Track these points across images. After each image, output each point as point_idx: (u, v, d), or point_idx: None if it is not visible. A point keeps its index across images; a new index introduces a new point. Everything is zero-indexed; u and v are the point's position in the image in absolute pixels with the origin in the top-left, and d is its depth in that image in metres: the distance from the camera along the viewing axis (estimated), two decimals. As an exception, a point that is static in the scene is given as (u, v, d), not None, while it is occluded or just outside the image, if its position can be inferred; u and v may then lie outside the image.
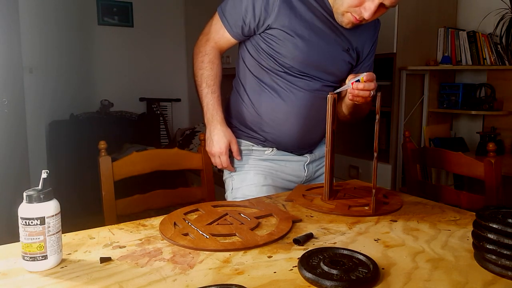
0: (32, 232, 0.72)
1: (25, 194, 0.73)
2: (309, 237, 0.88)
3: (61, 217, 0.76)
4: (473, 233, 0.78)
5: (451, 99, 2.78)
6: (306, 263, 0.72)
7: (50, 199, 0.74)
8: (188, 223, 0.95)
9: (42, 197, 0.73)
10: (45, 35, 3.52)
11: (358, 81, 1.12)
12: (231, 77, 1.45)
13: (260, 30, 1.25)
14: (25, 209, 0.72)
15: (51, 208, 0.74)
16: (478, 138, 2.63)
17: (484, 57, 2.67)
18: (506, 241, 0.70)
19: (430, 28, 2.81)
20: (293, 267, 0.74)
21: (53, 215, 0.74)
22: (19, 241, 0.74)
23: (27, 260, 0.73)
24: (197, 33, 1.38)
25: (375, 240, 0.87)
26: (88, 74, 4.07)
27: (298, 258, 0.75)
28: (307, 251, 0.77)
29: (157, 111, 4.30)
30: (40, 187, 0.74)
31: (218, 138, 1.30)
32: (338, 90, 1.18)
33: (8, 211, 2.07)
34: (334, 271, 0.69)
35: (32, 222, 0.72)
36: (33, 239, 0.72)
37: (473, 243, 0.78)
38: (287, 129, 1.30)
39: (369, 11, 1.14)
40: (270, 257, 0.79)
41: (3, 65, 2.30)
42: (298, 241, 0.84)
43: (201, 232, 0.89)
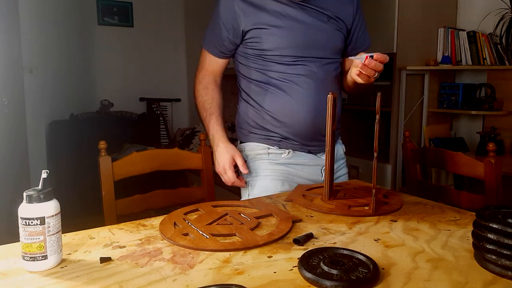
0: (32, 232, 0.72)
1: (25, 194, 0.73)
2: (309, 237, 0.88)
3: (61, 217, 0.76)
4: (473, 233, 0.78)
5: (451, 99, 2.78)
6: (306, 263, 0.72)
7: (50, 199, 0.74)
8: (188, 223, 0.95)
9: (42, 197, 0.73)
10: (45, 35, 3.52)
11: (371, 57, 1.12)
12: (230, 77, 1.46)
13: (239, 39, 1.32)
14: (25, 209, 0.72)
15: (51, 208, 0.74)
16: (478, 138, 2.63)
17: (484, 57, 2.68)
18: (506, 241, 0.70)
19: (430, 28, 2.81)
20: (293, 267, 0.74)
21: (53, 215, 0.74)
22: (19, 241, 0.74)
23: (27, 260, 0.73)
24: (197, 33, 1.41)
25: (375, 240, 0.87)
26: (88, 74, 4.07)
27: (298, 258, 0.75)
28: (307, 251, 0.77)
29: (157, 111, 4.30)
30: (40, 187, 0.74)
31: (219, 155, 1.33)
32: (352, 58, 1.19)
33: (8, 211, 2.07)
34: (334, 271, 0.69)
35: (32, 222, 0.72)
36: (33, 239, 0.72)
37: (473, 243, 0.78)
38: (301, 117, 1.30)
39: None
40: (270, 257, 0.79)
41: (3, 65, 2.30)
42: (298, 241, 0.84)
43: (201, 232, 0.89)
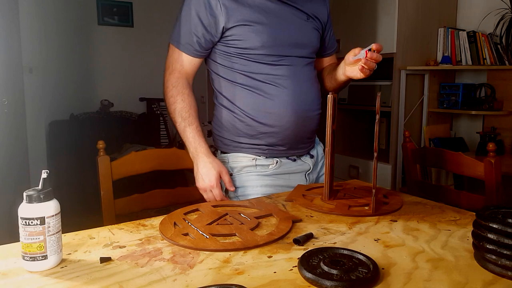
0: (32, 232, 0.72)
1: (25, 194, 0.73)
2: (309, 237, 0.88)
3: (61, 217, 0.76)
4: (473, 233, 0.78)
5: (451, 99, 2.78)
6: (306, 263, 0.72)
7: (50, 199, 0.74)
8: (188, 223, 0.95)
9: (42, 197, 0.73)
10: (45, 35, 3.53)
11: (370, 50, 1.13)
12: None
13: (218, 37, 1.23)
14: (25, 209, 0.72)
15: (51, 208, 0.74)
16: (478, 138, 2.63)
17: (484, 57, 2.68)
18: (506, 241, 0.70)
19: (430, 28, 2.81)
20: (293, 267, 0.74)
21: (53, 215, 0.74)
22: (19, 241, 0.74)
23: (27, 260, 0.73)
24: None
25: (375, 240, 0.87)
26: (88, 74, 4.07)
27: (298, 258, 0.75)
28: (307, 251, 0.77)
29: (157, 111, 4.30)
30: (40, 187, 0.74)
31: (206, 171, 1.24)
32: (354, 57, 1.17)
33: (8, 211, 2.07)
34: (334, 271, 0.69)
35: (32, 222, 0.72)
36: (33, 239, 0.72)
37: (473, 243, 0.78)
38: (285, 121, 1.27)
39: None
40: (270, 257, 0.79)
41: (3, 65, 2.30)
42: (298, 241, 0.84)
43: (201, 232, 0.89)
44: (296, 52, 1.29)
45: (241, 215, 1.00)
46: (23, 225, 0.72)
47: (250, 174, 1.31)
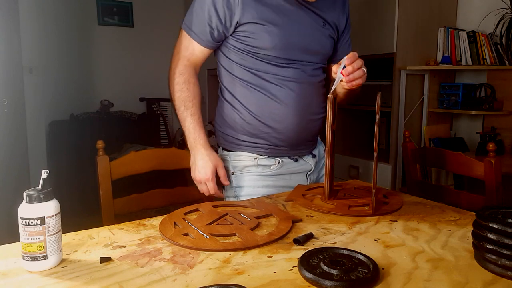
0: (32, 232, 0.72)
1: (25, 194, 0.73)
2: (309, 237, 0.88)
3: (61, 217, 0.76)
4: (473, 233, 0.78)
5: (451, 99, 2.78)
6: (306, 263, 0.72)
7: (50, 199, 0.74)
8: (188, 223, 0.95)
9: (42, 197, 0.73)
10: (45, 35, 3.53)
11: (344, 67, 1.09)
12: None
13: (231, 31, 1.21)
14: (25, 209, 0.72)
15: (51, 208, 0.74)
16: (478, 138, 2.63)
17: (484, 57, 2.68)
18: (506, 241, 0.70)
19: (430, 28, 2.81)
20: (293, 267, 0.74)
21: (53, 215, 0.74)
22: (19, 241, 0.74)
23: (27, 260, 0.73)
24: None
25: (375, 240, 0.87)
26: (88, 74, 4.07)
27: (298, 258, 0.75)
28: (307, 251, 0.77)
29: (157, 111, 4.31)
30: (40, 187, 0.74)
31: (203, 163, 1.24)
32: (333, 87, 1.13)
33: (8, 211, 2.07)
34: (334, 271, 0.69)
35: (32, 222, 0.72)
36: (33, 239, 0.72)
37: (473, 243, 0.78)
38: (288, 123, 1.26)
39: None
40: (270, 257, 0.79)
41: (3, 65, 2.30)
42: (298, 241, 0.84)
43: (201, 232, 0.89)
44: (306, 57, 1.26)
45: (241, 215, 1.00)
46: (23, 225, 0.72)
47: (252, 174, 1.30)
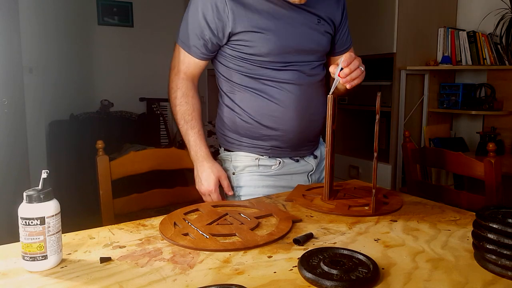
0: (32, 232, 0.72)
1: (25, 194, 0.73)
2: (309, 237, 0.88)
3: (61, 217, 0.76)
4: (473, 233, 0.78)
5: (451, 99, 2.78)
6: (306, 263, 0.72)
7: (50, 199, 0.74)
8: (188, 223, 0.95)
9: (42, 197, 0.73)
10: (45, 35, 3.53)
11: (342, 69, 1.09)
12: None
13: (225, 41, 1.21)
14: (25, 209, 0.72)
15: (51, 208, 0.74)
16: (478, 138, 2.63)
17: (484, 57, 2.68)
18: (506, 241, 0.70)
19: (430, 28, 2.81)
20: (293, 267, 0.74)
21: (53, 215, 0.74)
22: (19, 241, 0.74)
23: (27, 260, 0.73)
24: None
25: (375, 240, 0.87)
26: (88, 74, 4.07)
27: (298, 258, 0.75)
28: (307, 251, 0.77)
29: (157, 111, 4.30)
30: (40, 187, 0.74)
31: (206, 176, 1.26)
32: (332, 90, 1.13)
33: (8, 211, 2.07)
34: (334, 271, 0.69)
35: (32, 222, 0.72)
36: (33, 239, 0.72)
37: (473, 243, 0.78)
38: (289, 125, 1.26)
39: None
40: (270, 257, 0.79)
41: (3, 65, 2.30)
42: (298, 241, 0.84)
43: (201, 232, 0.89)
44: (303, 57, 1.26)
45: (241, 215, 1.00)
46: (23, 225, 0.72)
47: (253, 174, 1.30)
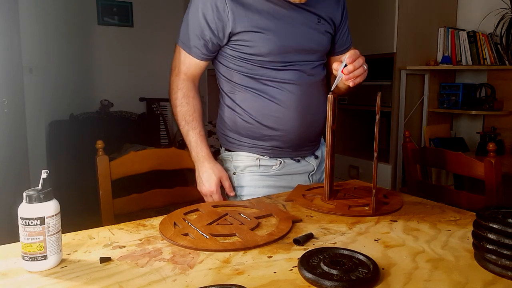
0: (32, 232, 0.72)
1: (25, 194, 0.73)
2: (309, 237, 0.87)
3: (61, 217, 0.76)
4: (473, 233, 0.78)
5: (451, 99, 2.78)
6: (306, 263, 0.72)
7: (50, 199, 0.74)
8: (188, 223, 0.94)
9: (42, 197, 0.73)
10: (45, 35, 3.53)
11: (346, 65, 1.08)
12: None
13: (225, 41, 1.21)
14: (25, 209, 0.72)
15: (51, 208, 0.73)
16: (478, 138, 2.63)
17: (484, 57, 2.68)
18: (506, 241, 0.70)
19: (430, 28, 2.81)
20: (293, 267, 0.74)
21: (53, 215, 0.73)
22: (19, 241, 0.74)
23: (27, 260, 0.73)
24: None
25: (375, 240, 0.87)
26: (88, 74, 4.07)
27: (298, 258, 0.75)
28: (307, 251, 0.77)
29: (157, 111, 4.30)
30: (40, 187, 0.74)
31: (207, 176, 1.26)
32: (333, 86, 1.12)
33: (8, 211, 2.07)
34: (334, 271, 0.69)
35: (32, 222, 0.72)
36: (33, 239, 0.72)
37: (473, 243, 0.78)
38: (290, 125, 1.26)
39: None
40: (270, 257, 0.79)
41: (3, 65, 2.30)
42: (298, 241, 0.84)
43: (201, 232, 0.89)
44: (304, 57, 1.26)
45: (241, 215, 1.00)
46: (23, 225, 0.72)
47: (253, 174, 1.30)
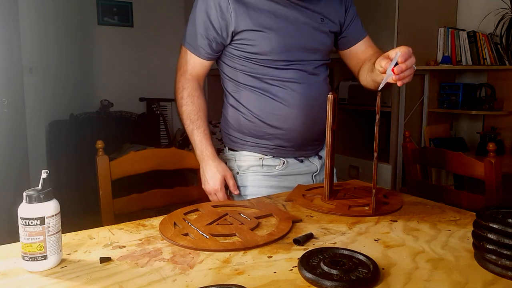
0: (32, 232, 0.72)
1: (25, 194, 0.73)
2: (309, 237, 0.87)
3: (61, 217, 0.76)
4: (473, 233, 0.78)
5: (451, 99, 2.78)
6: (306, 263, 0.72)
7: (50, 199, 0.74)
8: (188, 223, 0.95)
9: (42, 197, 0.73)
10: (45, 35, 3.52)
11: (396, 63, 1.01)
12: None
13: (228, 40, 1.22)
14: (25, 209, 0.72)
15: (51, 208, 0.73)
16: (478, 138, 2.63)
17: (484, 57, 2.68)
18: (506, 241, 0.70)
19: (430, 28, 2.81)
20: (293, 267, 0.74)
21: (53, 215, 0.74)
22: (19, 241, 0.74)
23: (27, 260, 0.73)
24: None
25: (375, 240, 0.87)
26: (88, 74, 4.07)
27: (298, 258, 0.75)
28: (307, 251, 0.77)
29: (157, 111, 4.30)
30: (40, 187, 0.74)
31: (211, 175, 1.27)
32: (381, 86, 1.03)
33: (8, 211, 2.07)
34: (334, 271, 0.69)
35: (32, 222, 0.72)
36: (33, 239, 0.72)
37: (473, 243, 0.78)
38: (293, 123, 1.26)
39: None
40: (270, 257, 0.79)
41: (3, 65, 2.30)
42: (298, 241, 0.84)
43: (201, 232, 0.89)
44: (306, 56, 1.26)
45: (241, 215, 1.00)
46: (23, 225, 0.72)
47: (256, 174, 1.31)
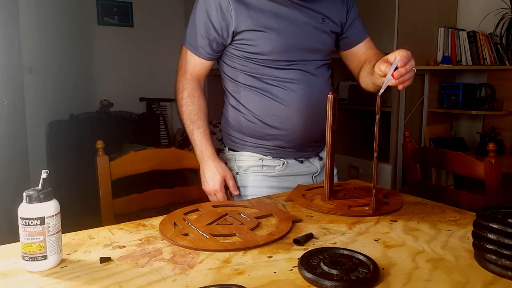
0: (32, 232, 0.72)
1: (25, 194, 0.73)
2: (309, 237, 0.87)
3: (61, 217, 0.76)
4: (473, 233, 0.78)
5: (451, 99, 2.78)
6: (306, 263, 0.72)
7: (50, 199, 0.74)
8: (188, 223, 0.95)
9: (42, 197, 0.73)
10: (45, 35, 3.52)
11: (396, 68, 1.01)
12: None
13: (229, 40, 1.22)
14: (25, 209, 0.72)
15: (51, 208, 0.73)
16: (478, 138, 2.63)
17: (484, 57, 2.68)
18: (506, 241, 0.70)
19: (430, 28, 2.81)
20: (293, 267, 0.74)
21: (53, 215, 0.74)
22: (19, 241, 0.74)
23: (27, 260, 0.73)
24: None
25: (375, 240, 0.87)
26: (88, 74, 4.07)
27: (298, 258, 0.75)
28: (307, 251, 0.77)
29: (157, 111, 4.30)
30: (40, 187, 0.74)
31: (211, 175, 1.27)
32: (382, 90, 1.03)
33: (8, 211, 2.07)
34: (334, 271, 0.69)
35: (32, 222, 0.72)
36: (33, 239, 0.72)
37: (473, 243, 0.78)
38: (293, 124, 1.25)
39: None
40: (270, 257, 0.79)
41: (3, 65, 2.30)
42: (298, 241, 0.84)
43: (201, 232, 0.89)
44: (307, 56, 1.26)
45: (241, 215, 1.00)
46: (23, 225, 0.72)
47: (256, 174, 1.30)
